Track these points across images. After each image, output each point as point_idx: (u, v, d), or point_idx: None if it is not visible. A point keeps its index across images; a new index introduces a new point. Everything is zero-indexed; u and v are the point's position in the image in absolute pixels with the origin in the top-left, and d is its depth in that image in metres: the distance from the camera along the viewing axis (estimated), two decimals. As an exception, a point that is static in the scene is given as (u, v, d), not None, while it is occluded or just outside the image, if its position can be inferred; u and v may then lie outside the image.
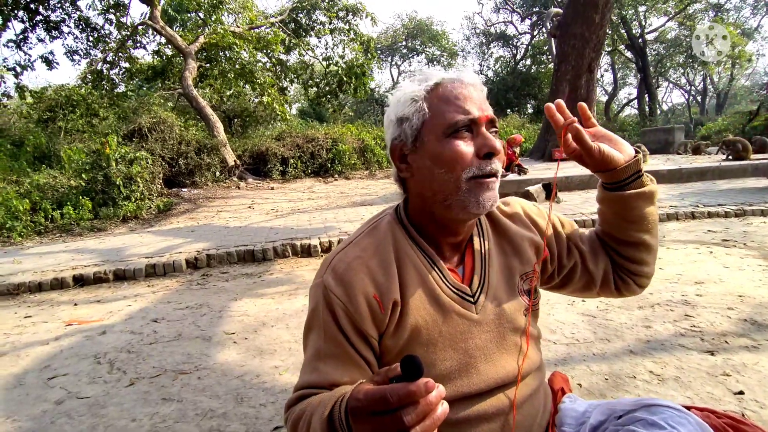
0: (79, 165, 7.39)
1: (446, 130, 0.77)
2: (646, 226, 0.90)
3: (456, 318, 0.83)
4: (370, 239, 0.85)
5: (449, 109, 0.77)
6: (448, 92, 0.79)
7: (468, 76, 0.82)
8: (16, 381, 2.14)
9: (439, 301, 0.82)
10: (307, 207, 7.30)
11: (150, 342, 2.52)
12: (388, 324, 0.80)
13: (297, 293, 3.29)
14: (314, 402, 0.71)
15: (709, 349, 2.04)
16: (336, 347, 0.78)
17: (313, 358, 0.80)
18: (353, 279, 0.79)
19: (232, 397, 1.87)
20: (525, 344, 0.88)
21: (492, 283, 0.86)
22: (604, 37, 11.70)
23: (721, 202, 5.51)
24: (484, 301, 0.85)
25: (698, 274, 3.13)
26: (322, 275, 0.83)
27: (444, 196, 0.79)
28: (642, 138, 13.98)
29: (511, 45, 28.57)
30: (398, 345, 0.81)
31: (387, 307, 0.79)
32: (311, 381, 0.78)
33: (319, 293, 0.82)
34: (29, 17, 12.07)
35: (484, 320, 0.84)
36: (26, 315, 3.18)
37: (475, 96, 0.79)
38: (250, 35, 12.92)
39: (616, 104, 33.12)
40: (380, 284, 0.80)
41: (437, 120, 0.78)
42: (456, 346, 0.82)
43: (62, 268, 4.19)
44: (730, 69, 27.54)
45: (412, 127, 0.80)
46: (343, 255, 0.83)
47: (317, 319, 0.81)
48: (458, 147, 0.76)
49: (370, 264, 0.81)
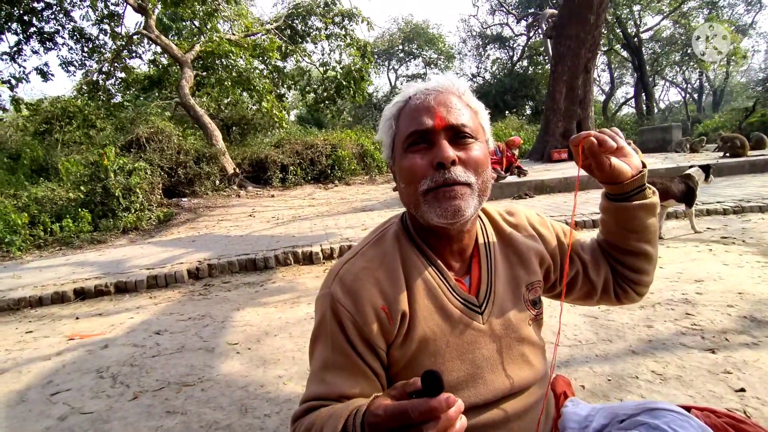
0: (78, 177, 7.40)
1: (403, 144, 0.79)
2: (647, 236, 0.91)
3: (463, 328, 0.83)
4: (377, 249, 0.85)
5: (407, 123, 0.79)
6: (411, 106, 0.80)
7: (436, 83, 0.82)
8: (18, 398, 2.14)
9: (447, 311, 0.82)
10: (308, 214, 7.31)
11: (153, 354, 2.52)
12: (396, 335, 0.80)
13: (299, 301, 3.29)
14: (324, 415, 0.70)
15: (709, 347, 2.04)
16: (344, 358, 0.78)
17: (321, 370, 0.80)
18: (361, 290, 0.79)
19: (237, 409, 1.87)
20: (530, 354, 0.88)
21: (498, 293, 0.87)
22: (599, 37, 11.77)
23: (720, 199, 5.52)
24: (491, 311, 0.85)
25: (698, 272, 3.14)
26: (329, 286, 0.83)
27: (414, 208, 0.80)
28: (640, 137, 14.01)
29: (507, 47, 28.68)
30: (406, 356, 0.81)
31: (395, 319, 0.79)
32: (319, 393, 0.78)
33: (326, 304, 0.81)
34: (23, 29, 12.10)
35: (491, 330, 0.85)
36: (27, 330, 3.18)
37: (438, 104, 0.77)
38: (246, 42, 12.95)
39: (614, 103, 33.23)
40: (388, 295, 0.80)
41: (400, 136, 0.81)
42: (463, 357, 0.82)
43: (63, 281, 4.19)
44: (725, 66, 27.65)
45: (387, 145, 0.85)
46: (350, 266, 0.83)
47: (324, 330, 0.81)
48: (412, 160, 0.77)
49: (378, 275, 0.81)
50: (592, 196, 6.48)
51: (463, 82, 0.83)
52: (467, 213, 0.76)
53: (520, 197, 7.16)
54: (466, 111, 0.80)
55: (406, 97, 0.83)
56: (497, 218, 0.96)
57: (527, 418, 0.86)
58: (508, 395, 0.84)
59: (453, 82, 0.82)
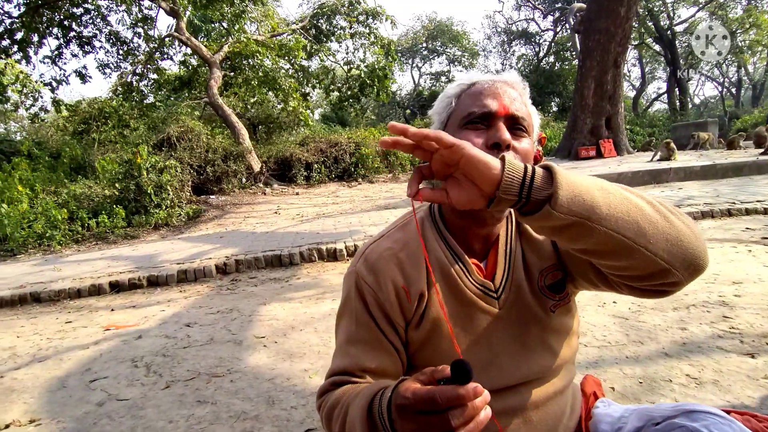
0: (113, 175, 7.68)
1: (461, 120, 0.81)
2: (583, 238, 0.64)
3: (478, 313, 0.84)
4: (402, 233, 0.88)
5: (470, 102, 0.81)
6: (477, 89, 0.82)
7: (505, 76, 0.85)
8: (59, 383, 2.24)
9: (462, 295, 0.83)
10: (331, 211, 7.37)
11: (184, 346, 2.60)
12: (414, 315, 0.82)
13: (324, 297, 3.33)
14: (350, 392, 0.74)
15: (749, 351, 1.96)
16: (367, 332, 0.82)
17: (345, 343, 0.84)
18: (384, 268, 0.83)
19: (264, 400, 1.91)
20: (552, 341, 0.87)
21: (516, 279, 0.86)
22: (630, 30, 11.41)
23: (760, 198, 5.28)
24: (507, 296, 0.85)
25: (736, 273, 3.01)
26: (355, 264, 0.87)
27: None
28: (673, 134, 13.53)
29: (533, 42, 28.17)
30: (421, 337, 0.83)
31: (414, 298, 0.82)
32: (343, 365, 0.82)
33: (351, 281, 0.86)
34: (63, 34, 12.63)
35: (508, 316, 0.85)
36: (67, 320, 3.33)
37: (503, 93, 0.79)
38: (273, 43, 13.16)
39: (645, 99, 32.17)
40: (409, 275, 0.83)
41: (458, 113, 0.82)
42: (478, 341, 0.83)
43: (99, 275, 4.36)
44: (766, 59, 26.37)
45: (441, 120, 0.86)
46: (376, 246, 0.88)
47: (349, 306, 0.85)
48: (468, 136, 0.78)
49: (400, 256, 0.84)
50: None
51: (525, 84, 0.86)
52: None
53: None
54: (525, 107, 0.82)
55: (471, 80, 0.84)
56: None
57: (547, 408, 0.85)
58: (526, 382, 0.84)
59: (518, 79, 0.85)
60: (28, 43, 11.86)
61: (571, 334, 0.90)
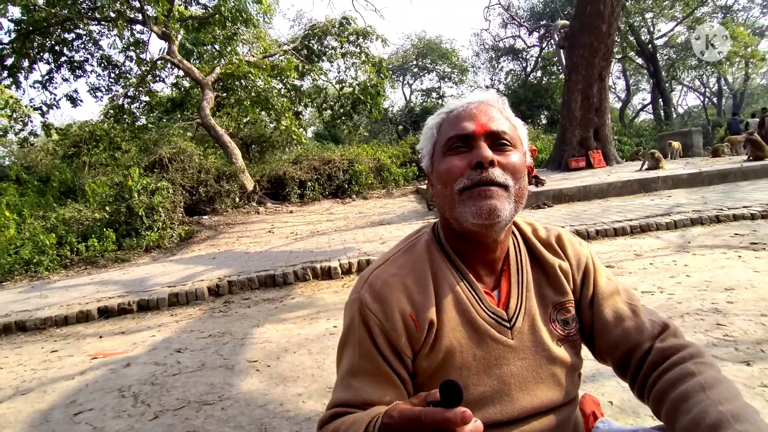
0: (103, 198, 7.62)
1: (443, 147, 0.82)
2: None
3: (491, 343, 0.81)
4: (408, 257, 0.86)
5: (449, 128, 0.82)
6: (454, 114, 0.83)
7: (479, 95, 0.85)
8: (42, 417, 2.17)
9: (475, 324, 0.81)
10: (326, 229, 7.35)
11: (173, 373, 2.54)
12: (423, 344, 0.79)
13: (318, 317, 3.28)
14: (348, 421, 0.71)
15: (744, 359, 1.95)
16: (370, 364, 0.78)
17: (347, 375, 0.80)
18: (390, 296, 0.79)
19: (256, 428, 1.86)
20: (560, 374, 0.85)
21: (529, 309, 0.84)
22: (612, 45, 11.65)
23: (746, 203, 5.34)
24: (521, 326, 0.83)
25: (728, 280, 3.02)
26: (358, 291, 0.83)
27: (449, 210, 0.80)
28: (659, 143, 13.74)
29: (520, 58, 28.63)
30: (432, 366, 0.80)
31: (423, 327, 0.78)
32: (344, 398, 0.78)
33: (355, 309, 0.82)
34: (54, 59, 12.68)
35: (520, 347, 0.82)
36: (53, 349, 3.25)
37: (480, 112, 0.80)
38: (265, 63, 13.28)
39: (631, 110, 32.73)
40: (417, 303, 0.79)
41: (440, 141, 0.83)
42: (490, 372, 0.81)
43: (87, 300, 4.28)
44: (744, 69, 27.04)
45: (428, 152, 0.87)
46: (380, 272, 0.84)
47: (352, 335, 0.81)
48: (451, 162, 0.79)
49: (407, 282, 0.81)
50: (612, 204, 6.35)
51: (504, 99, 0.87)
52: (502, 215, 0.76)
53: (539, 207, 7.06)
54: (506, 122, 0.82)
55: (449, 108, 0.86)
56: (528, 233, 0.93)
57: None
58: (534, 414, 0.82)
59: (494, 97, 0.86)
60: (19, 69, 11.89)
61: (576, 369, 0.89)
